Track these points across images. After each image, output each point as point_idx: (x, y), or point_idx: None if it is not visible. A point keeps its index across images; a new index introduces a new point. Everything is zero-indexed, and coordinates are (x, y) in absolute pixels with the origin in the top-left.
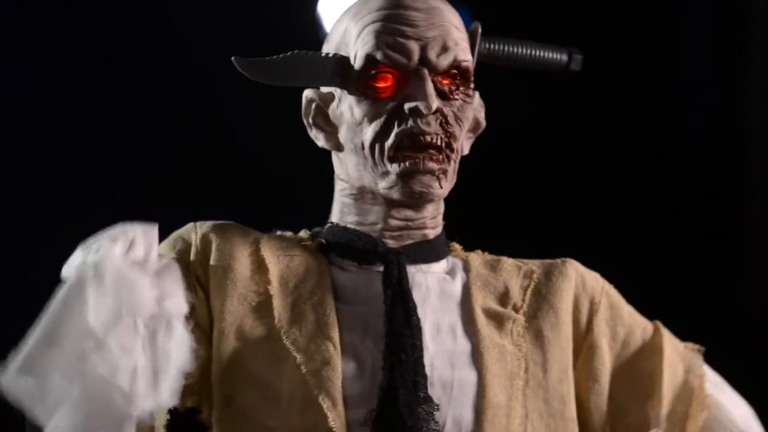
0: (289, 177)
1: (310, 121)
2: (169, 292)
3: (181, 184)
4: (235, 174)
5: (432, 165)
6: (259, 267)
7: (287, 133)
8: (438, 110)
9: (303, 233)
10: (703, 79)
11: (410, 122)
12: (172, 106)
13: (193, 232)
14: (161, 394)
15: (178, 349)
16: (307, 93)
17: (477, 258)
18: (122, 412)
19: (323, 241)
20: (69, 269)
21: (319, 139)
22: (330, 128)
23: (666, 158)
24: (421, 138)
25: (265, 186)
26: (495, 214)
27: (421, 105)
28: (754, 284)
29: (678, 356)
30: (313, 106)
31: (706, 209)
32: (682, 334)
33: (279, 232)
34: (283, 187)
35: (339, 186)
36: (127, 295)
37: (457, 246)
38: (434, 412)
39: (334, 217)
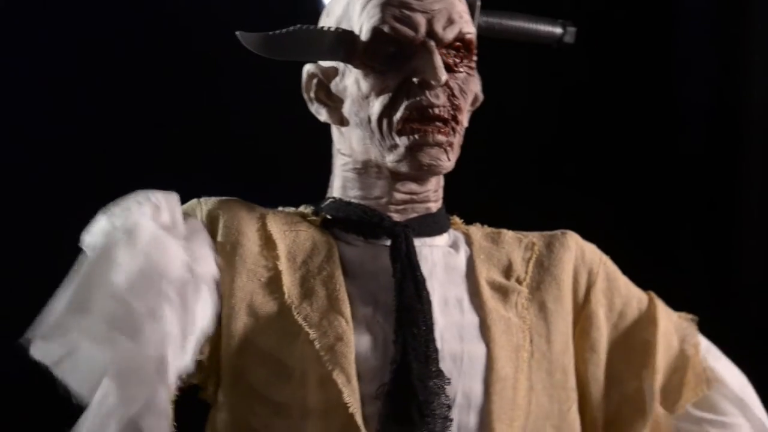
0: (277, 152)
1: (312, 95)
2: (199, 255)
3: (172, 158)
4: (226, 148)
5: (440, 137)
6: (267, 242)
7: (278, 108)
8: (445, 83)
9: (304, 208)
10: (703, 50)
11: (419, 95)
12: (166, 79)
13: (198, 208)
14: (187, 358)
15: (205, 311)
16: (308, 67)
17: (477, 231)
18: (155, 378)
19: (328, 216)
20: (93, 236)
21: (321, 114)
22: (332, 102)
23: (665, 129)
24: (430, 110)
25: (254, 161)
26: (492, 187)
27: (429, 77)
28: (752, 255)
29: (672, 326)
30: (315, 80)
31: (705, 180)
32: (681, 304)
33: (281, 208)
34: (269, 163)
35: (340, 161)
36: (159, 258)
37: (457, 219)
38: (445, 386)
39: (336, 192)
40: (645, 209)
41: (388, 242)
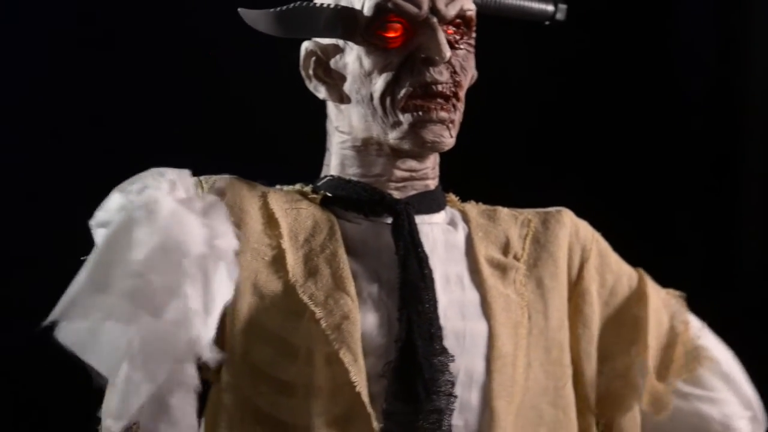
0: (272, 130)
1: (310, 72)
2: (218, 230)
3: (168, 136)
4: (222, 126)
5: (443, 114)
6: (270, 221)
7: (274, 85)
8: (448, 59)
9: (300, 186)
10: (703, 29)
11: (423, 72)
12: (164, 58)
13: (199, 187)
14: (210, 333)
15: (226, 285)
16: (307, 45)
17: (473, 208)
18: (183, 351)
19: (328, 194)
20: (108, 212)
21: (320, 92)
22: (331, 80)
23: (665, 110)
24: (434, 87)
25: (248, 139)
26: (487, 164)
27: (434, 54)
28: (751, 235)
29: (662, 303)
30: (313, 57)
31: (705, 160)
32: (679, 286)
33: (279, 187)
34: (262, 141)
35: (338, 138)
36: (179, 234)
37: (453, 197)
38: (449, 363)
39: (333, 169)
40: (643, 190)
41: (389, 220)
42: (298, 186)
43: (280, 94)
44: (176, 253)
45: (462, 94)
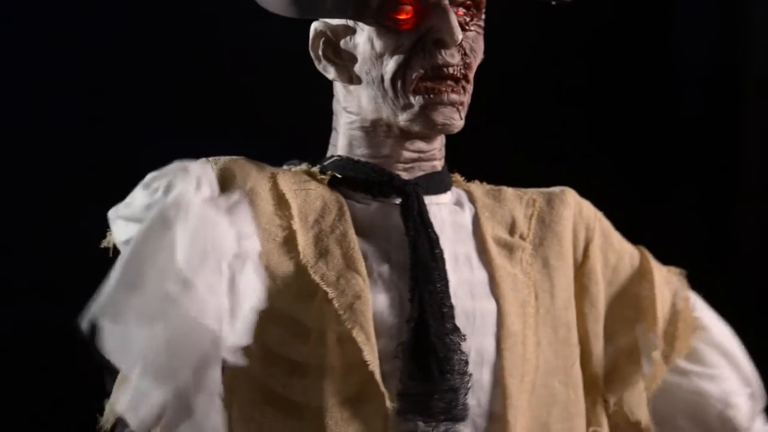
0: (276, 109)
1: (319, 53)
2: (244, 230)
3: (172, 114)
4: (225, 105)
5: (454, 96)
6: (280, 201)
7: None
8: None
9: (307, 167)
10: (704, 4)
11: (434, 54)
12: (167, 34)
13: (209, 168)
14: (238, 334)
15: (253, 288)
16: (316, 25)
17: (478, 188)
18: (209, 353)
19: (337, 174)
20: (133, 209)
21: (329, 72)
22: (341, 61)
23: (665, 88)
24: (445, 70)
25: (251, 118)
26: (490, 146)
27: (446, 36)
28: (751, 215)
29: (664, 280)
30: (323, 38)
31: (705, 138)
32: (679, 264)
33: (285, 167)
34: (266, 120)
35: (346, 119)
36: (212, 234)
37: (458, 177)
38: (461, 342)
39: (341, 150)
40: (644, 170)
41: (398, 200)
42: (304, 166)
43: (279, 74)
44: (214, 254)
45: (471, 76)
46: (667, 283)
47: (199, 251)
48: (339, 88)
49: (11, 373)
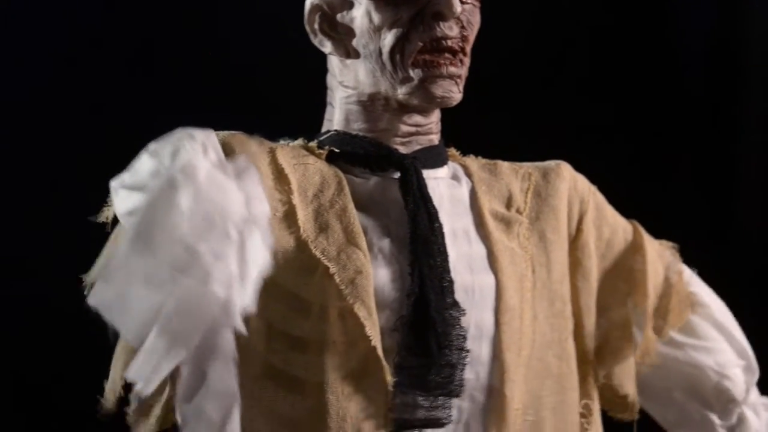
0: (268, 84)
1: (315, 27)
2: (253, 194)
3: (167, 91)
4: (218, 81)
5: (453, 69)
6: (279, 176)
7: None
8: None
9: (303, 141)
10: None
11: (433, 27)
12: (163, 11)
13: (214, 135)
14: (247, 300)
15: (262, 252)
16: None
17: (473, 162)
18: (220, 319)
19: (335, 149)
20: (139, 176)
21: (326, 46)
22: (337, 35)
23: (665, 65)
24: (444, 42)
25: (245, 94)
26: (488, 121)
27: (445, 9)
28: (751, 190)
29: (656, 254)
30: (318, 12)
31: (704, 111)
32: (678, 238)
33: (282, 141)
34: (258, 95)
35: (343, 93)
36: (220, 199)
37: (454, 151)
38: (461, 317)
39: (337, 124)
40: (641, 143)
41: (396, 175)
42: (300, 141)
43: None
44: (221, 219)
45: (468, 48)
46: (660, 257)
47: (207, 217)
48: (335, 62)
49: (11, 347)
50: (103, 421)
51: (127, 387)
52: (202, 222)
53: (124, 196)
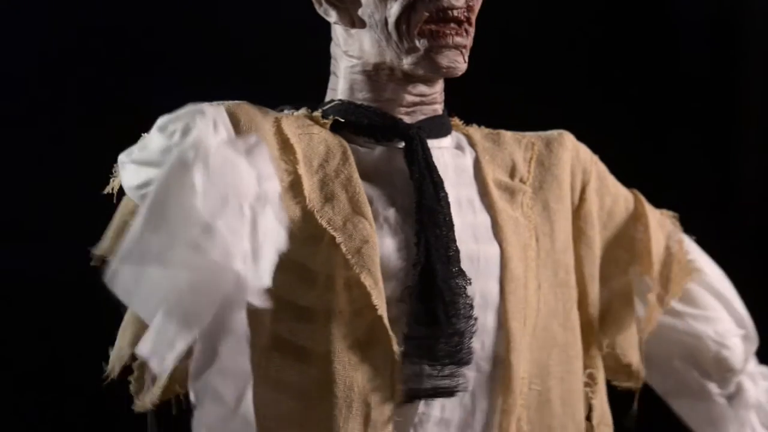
0: (269, 53)
1: None
2: (264, 171)
3: (166, 62)
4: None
5: (459, 39)
6: (285, 146)
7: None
8: None
9: (307, 111)
10: None
11: None
12: None
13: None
14: (262, 277)
15: (276, 229)
16: None
17: (477, 132)
18: (234, 296)
19: (340, 119)
20: (150, 153)
21: (331, 15)
22: (342, 4)
23: (666, 32)
24: (450, 13)
25: (242, 63)
26: (492, 90)
27: None
28: (752, 161)
29: (657, 223)
30: None
31: (705, 81)
32: (676, 207)
33: (286, 111)
34: (258, 65)
35: (347, 63)
36: (232, 176)
37: (457, 120)
38: (467, 286)
39: (342, 94)
40: (642, 112)
41: (401, 144)
42: (304, 110)
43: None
44: (234, 197)
45: (474, 18)
46: (661, 226)
47: (220, 194)
48: (339, 31)
49: (17, 321)
50: (105, 390)
51: (132, 356)
52: (217, 200)
53: (133, 170)
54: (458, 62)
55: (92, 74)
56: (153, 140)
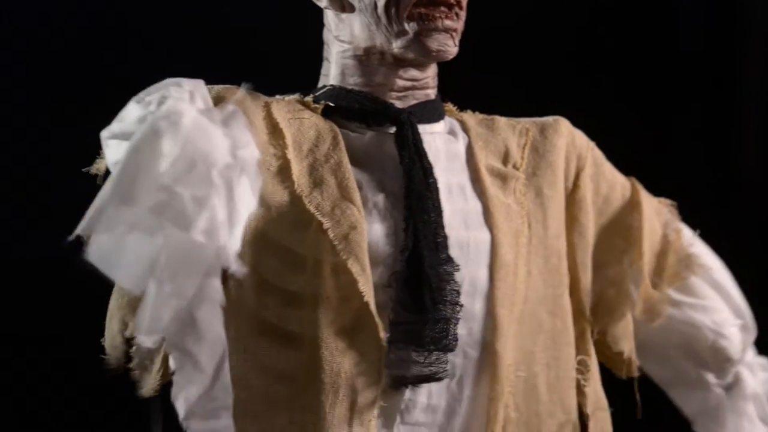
0: (262, 40)
1: None
2: (240, 140)
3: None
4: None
5: (449, 23)
6: (274, 131)
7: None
8: None
9: (299, 96)
10: None
11: None
12: None
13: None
14: (236, 242)
15: (249, 195)
16: None
17: (471, 118)
18: (207, 266)
19: (330, 104)
20: (126, 124)
21: (322, 0)
22: None
23: (666, 17)
24: None
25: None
26: (488, 77)
27: None
28: (752, 150)
29: (654, 211)
30: None
31: (705, 69)
32: (676, 196)
33: (278, 97)
34: (254, 52)
35: (338, 48)
36: (204, 145)
37: (451, 106)
38: (455, 272)
39: (333, 79)
40: (641, 100)
41: (392, 130)
42: (296, 96)
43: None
44: (203, 164)
45: (464, 2)
46: (658, 214)
47: (187, 161)
48: (330, 16)
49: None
50: (111, 379)
51: (129, 343)
52: (184, 166)
53: (114, 146)
54: (448, 46)
55: (91, 70)
56: (130, 112)
